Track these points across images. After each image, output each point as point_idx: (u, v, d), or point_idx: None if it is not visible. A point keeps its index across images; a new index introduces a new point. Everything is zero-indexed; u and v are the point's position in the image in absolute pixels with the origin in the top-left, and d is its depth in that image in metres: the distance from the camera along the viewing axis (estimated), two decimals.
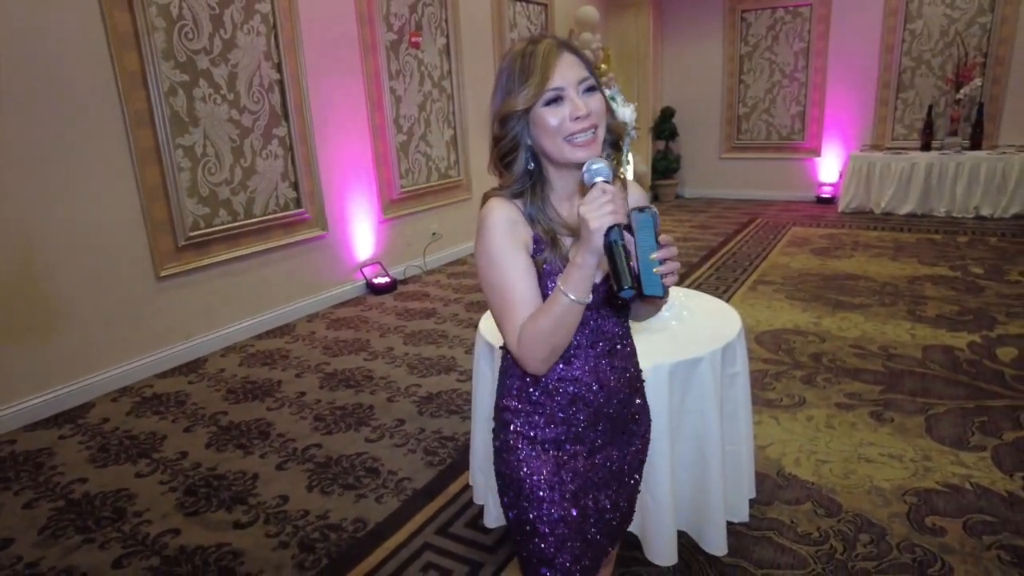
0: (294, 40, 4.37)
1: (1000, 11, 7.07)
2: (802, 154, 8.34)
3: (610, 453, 1.28)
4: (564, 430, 1.22)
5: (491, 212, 1.15)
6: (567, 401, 1.21)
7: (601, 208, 1.02)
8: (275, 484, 2.64)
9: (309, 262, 4.74)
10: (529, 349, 1.12)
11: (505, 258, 1.13)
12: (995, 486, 2.42)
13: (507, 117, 1.14)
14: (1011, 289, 4.62)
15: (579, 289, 1.06)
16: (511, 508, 1.24)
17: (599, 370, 1.23)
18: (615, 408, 1.26)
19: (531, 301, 1.13)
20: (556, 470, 1.21)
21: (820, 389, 3.23)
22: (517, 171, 1.17)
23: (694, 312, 2.24)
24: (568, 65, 1.12)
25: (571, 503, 1.22)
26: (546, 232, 1.17)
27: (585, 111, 1.10)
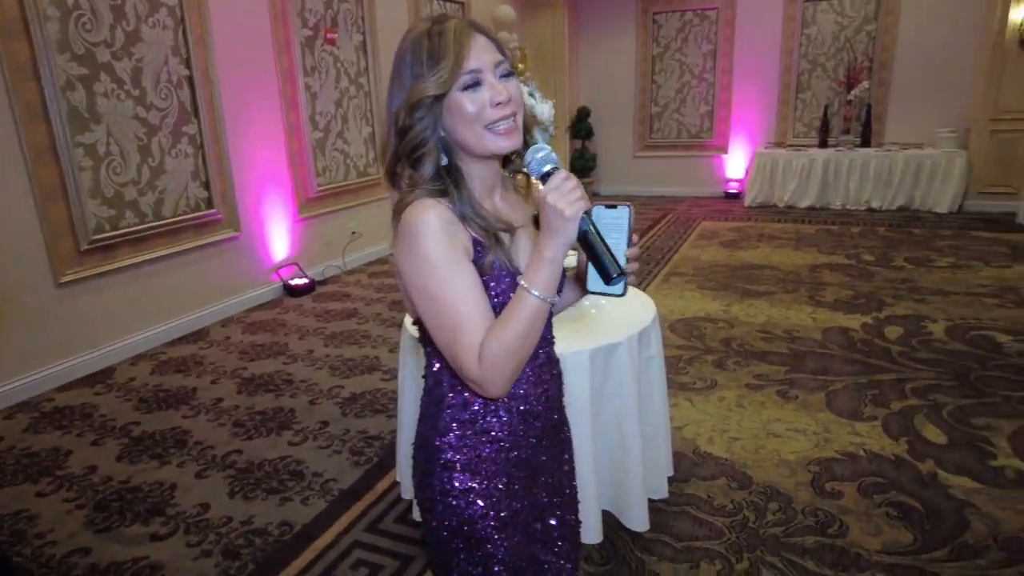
0: (203, 35, 4.22)
1: (883, 20, 7.64)
2: (710, 152, 8.73)
3: (552, 470, 1.20)
4: (516, 455, 1.11)
5: (424, 216, 0.98)
6: (519, 420, 1.10)
7: (572, 194, 0.94)
8: (195, 493, 2.55)
9: (222, 264, 4.58)
10: (495, 368, 0.96)
11: (451, 268, 0.97)
12: (884, 451, 2.64)
13: (416, 105, 1.00)
14: (896, 274, 5.02)
15: (549, 286, 0.96)
16: (459, 554, 1.10)
17: (542, 380, 1.14)
18: (556, 421, 1.19)
19: (486, 316, 0.98)
20: (509, 502, 1.10)
21: (730, 372, 3.41)
22: (429, 168, 1.03)
23: (611, 301, 2.33)
24: (483, 47, 1.01)
25: (521, 532, 1.13)
26: (485, 231, 1.03)
27: (506, 96, 1.00)
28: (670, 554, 2.09)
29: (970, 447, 2.64)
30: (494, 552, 1.08)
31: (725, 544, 2.13)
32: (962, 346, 3.63)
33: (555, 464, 1.20)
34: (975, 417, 2.87)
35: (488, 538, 1.08)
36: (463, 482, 1.07)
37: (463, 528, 1.08)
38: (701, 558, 2.07)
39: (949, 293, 4.52)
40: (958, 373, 3.30)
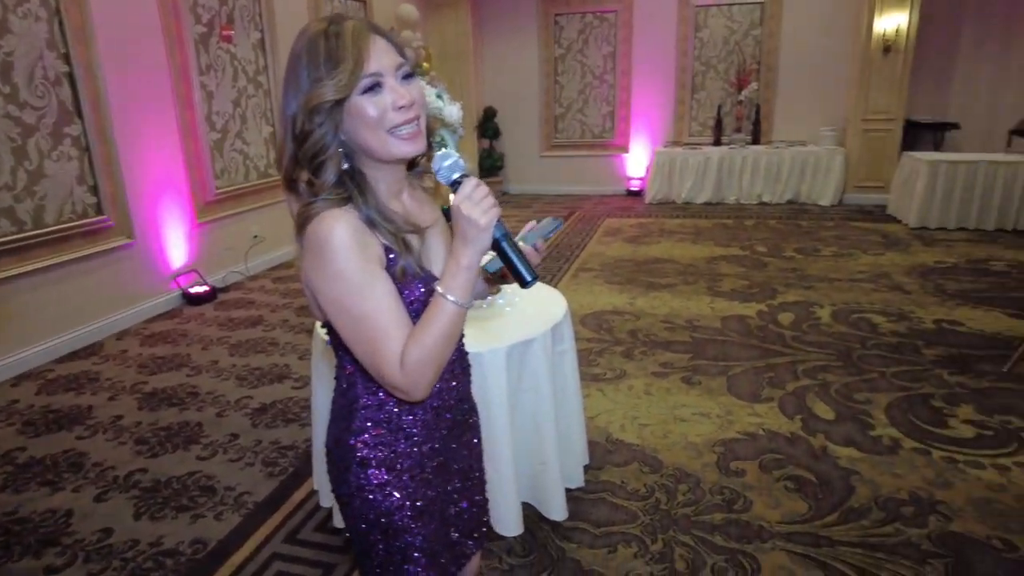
0: (84, 28, 3.95)
1: (767, 26, 8.14)
2: (612, 151, 9.01)
3: (463, 456, 1.23)
4: (429, 448, 1.14)
5: (333, 230, 0.96)
6: (432, 416, 1.13)
7: (484, 202, 0.95)
8: (94, 518, 2.40)
9: (115, 274, 4.31)
10: (419, 374, 0.98)
11: (366, 281, 0.97)
12: (781, 429, 2.84)
13: (315, 110, 0.96)
14: (787, 264, 5.37)
15: (465, 292, 0.98)
16: (378, 544, 1.13)
17: (454, 374, 1.17)
18: (464, 414, 1.22)
19: (406, 324, 0.99)
20: (424, 492, 1.14)
21: (638, 361, 3.56)
22: (331, 174, 1.00)
23: (524, 298, 2.38)
24: (383, 50, 0.99)
25: (437, 518, 1.17)
26: (394, 236, 1.02)
27: (409, 99, 0.98)
28: (589, 540, 2.17)
29: (854, 420, 2.88)
30: (412, 541, 1.12)
31: (640, 527, 2.23)
32: (846, 328, 3.94)
33: (466, 450, 1.24)
34: (857, 393, 3.14)
35: (405, 528, 1.11)
36: (379, 477, 1.09)
37: (380, 520, 1.11)
38: (618, 542, 2.16)
39: (833, 280, 4.90)
40: (842, 353, 3.58)
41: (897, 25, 7.19)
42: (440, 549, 1.17)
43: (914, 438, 2.73)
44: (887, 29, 7.24)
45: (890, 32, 7.23)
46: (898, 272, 5.05)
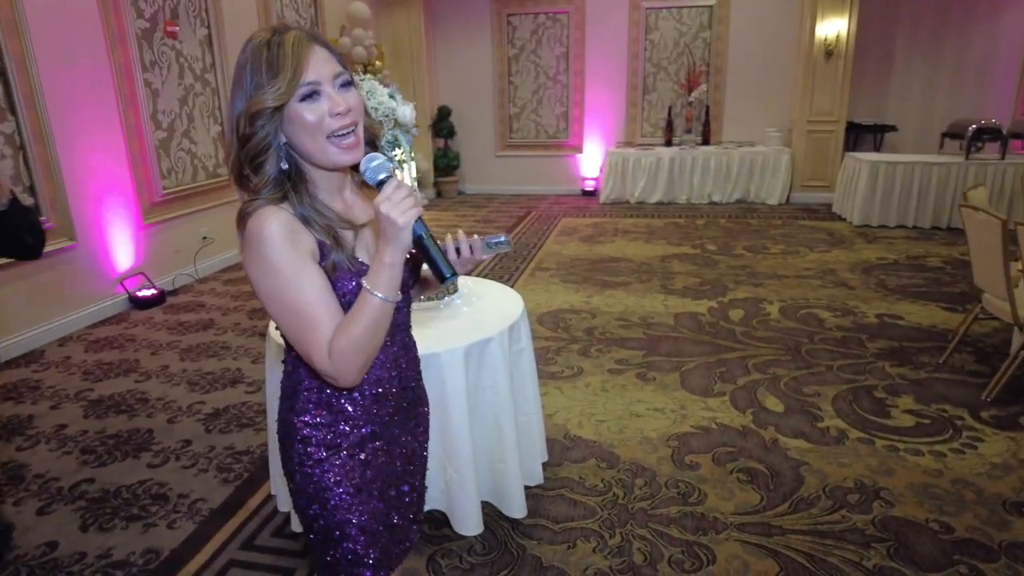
0: (15, 20, 3.78)
1: (716, 29, 8.33)
2: (567, 151, 9.09)
3: (406, 441, 1.28)
4: (368, 431, 1.19)
5: (267, 223, 1.02)
6: (371, 401, 1.18)
7: (404, 203, 1.00)
8: (37, 532, 2.31)
9: (55, 278, 4.15)
10: (345, 363, 1.04)
11: (296, 273, 1.03)
12: (733, 422, 2.92)
13: (256, 115, 1.03)
14: (737, 261, 5.52)
15: (391, 288, 1.03)
16: (318, 519, 1.19)
17: (397, 363, 1.22)
18: (410, 399, 1.28)
19: (335, 314, 1.05)
20: (363, 471, 1.19)
21: (594, 359, 3.61)
22: (270, 173, 1.06)
23: (482, 297, 2.40)
24: (322, 59, 1.04)
25: (378, 499, 1.22)
26: (326, 233, 1.07)
27: (345, 107, 1.04)
28: (548, 537, 2.19)
29: (803, 413, 2.99)
30: (349, 517, 1.18)
31: (598, 522, 2.27)
32: (794, 324, 4.07)
33: (411, 437, 1.30)
34: (806, 386, 3.25)
35: (343, 504, 1.17)
36: (319, 454, 1.16)
37: (320, 495, 1.17)
38: (577, 537, 2.19)
39: (782, 277, 5.05)
40: (791, 348, 3.70)
41: (838, 31, 7.45)
42: (380, 529, 1.22)
43: (859, 428, 2.84)
44: (828, 35, 7.49)
45: (831, 37, 7.49)
46: (843, 268, 5.24)
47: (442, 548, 2.14)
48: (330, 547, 1.20)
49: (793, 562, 2.06)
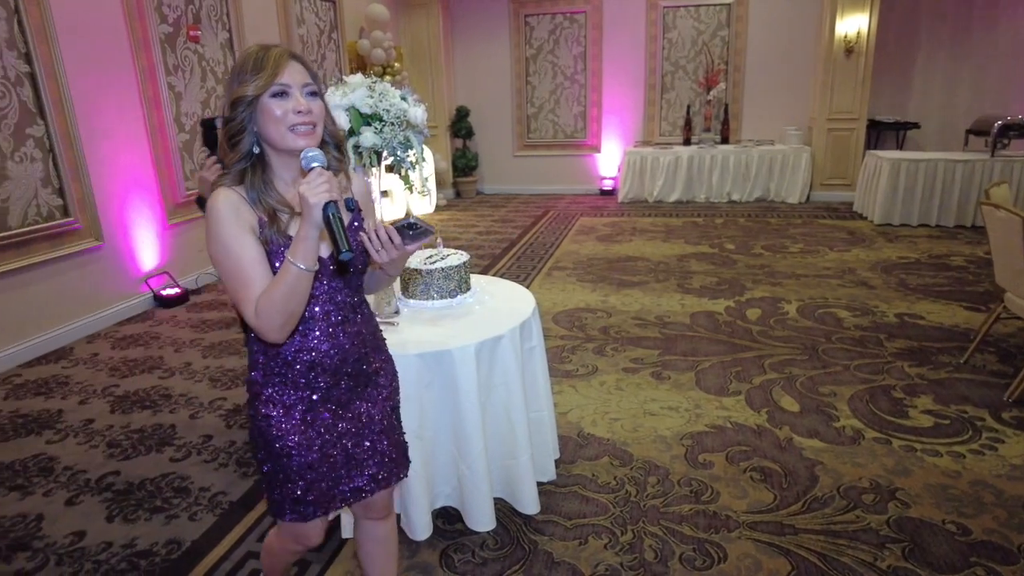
0: (44, 27, 3.89)
1: (734, 27, 8.28)
2: (585, 151, 9.09)
3: (358, 406, 1.46)
4: (308, 394, 1.39)
5: (215, 202, 1.27)
6: (306, 368, 1.37)
7: (318, 187, 1.19)
8: (65, 521, 2.39)
9: (84, 276, 4.26)
10: (266, 318, 1.24)
11: (234, 242, 1.25)
12: (748, 422, 2.92)
13: (237, 101, 1.27)
14: (755, 261, 5.49)
15: (306, 259, 1.22)
16: (265, 463, 1.41)
17: (335, 336, 1.39)
18: (353, 367, 1.43)
19: (264, 277, 1.26)
20: (305, 428, 1.39)
21: (609, 358, 3.62)
22: (242, 150, 1.30)
23: (494, 296, 2.43)
24: (296, 70, 1.29)
25: (319, 453, 1.40)
26: (267, 212, 1.30)
27: (306, 107, 1.28)
28: (560, 533, 2.21)
29: (818, 412, 2.97)
30: (290, 464, 1.39)
31: (610, 519, 2.29)
32: (812, 323, 4.05)
33: (369, 404, 1.47)
34: (822, 385, 3.23)
35: (285, 453, 1.38)
36: (267, 408, 1.38)
37: (267, 443, 1.39)
38: (589, 534, 2.21)
39: (801, 276, 5.01)
40: (808, 347, 3.68)
41: (858, 28, 7.37)
42: (317, 478, 1.42)
43: (875, 428, 2.82)
44: (848, 32, 7.41)
45: (851, 34, 7.41)
46: (863, 268, 5.19)
47: (455, 543, 2.17)
48: (275, 487, 1.42)
49: (805, 561, 2.05)
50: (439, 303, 2.30)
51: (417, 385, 1.93)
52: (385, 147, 1.90)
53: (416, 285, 2.31)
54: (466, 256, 2.41)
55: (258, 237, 1.29)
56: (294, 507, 1.43)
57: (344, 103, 1.87)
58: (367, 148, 1.89)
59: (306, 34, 6.54)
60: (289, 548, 1.57)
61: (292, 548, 1.57)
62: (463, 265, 2.36)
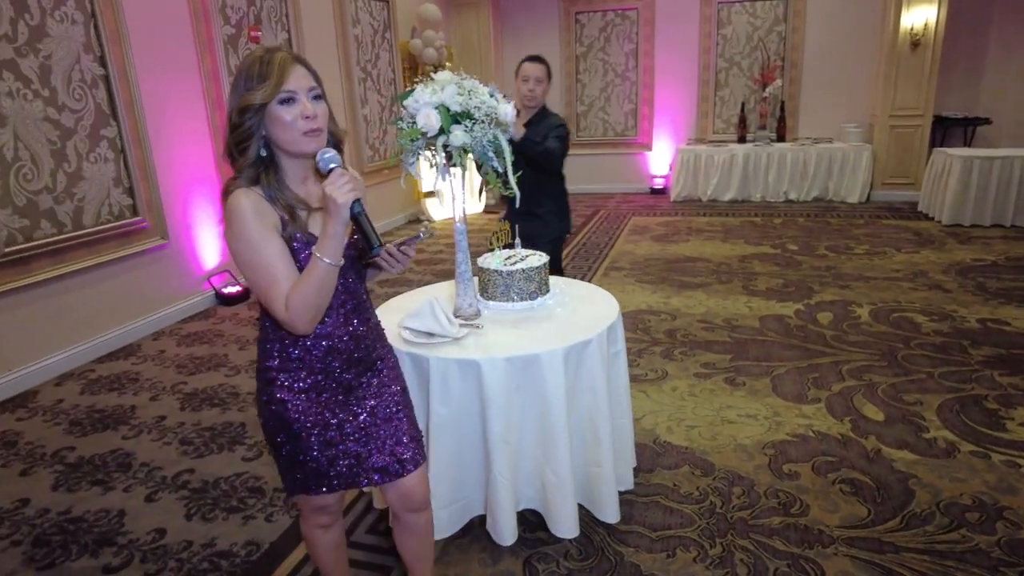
0: (118, 31, 3.97)
1: (792, 22, 8.06)
2: (635, 149, 8.95)
3: (364, 391, 1.53)
4: (323, 378, 1.45)
5: (239, 202, 1.30)
6: (323, 353, 1.44)
7: (344, 187, 1.26)
8: (147, 518, 2.41)
9: (150, 275, 4.33)
10: (297, 312, 1.31)
11: (260, 239, 1.30)
12: (831, 431, 2.79)
13: (245, 109, 1.30)
14: (821, 262, 5.31)
15: (334, 255, 1.29)
16: (284, 446, 1.47)
17: (348, 323, 1.47)
18: (363, 352, 1.51)
19: (290, 273, 1.32)
20: (319, 411, 1.46)
21: (678, 362, 3.52)
22: (251, 156, 1.33)
23: (574, 298, 2.36)
24: (301, 75, 1.32)
25: (336, 430, 1.47)
26: (286, 210, 1.35)
27: (313, 112, 1.32)
28: (646, 544, 2.14)
29: (905, 422, 2.83)
30: (307, 443, 1.46)
31: (697, 531, 2.20)
32: (887, 328, 3.88)
33: (372, 390, 1.53)
34: (906, 394, 3.08)
35: (304, 433, 1.45)
36: (281, 393, 1.44)
37: (282, 425, 1.45)
38: (676, 546, 2.13)
39: (869, 278, 4.83)
40: (886, 353, 3.52)
41: (925, 19, 7.08)
42: (335, 454, 1.49)
43: (971, 441, 2.67)
44: (915, 24, 7.13)
45: (918, 27, 7.13)
46: (935, 270, 4.97)
47: (538, 551, 2.11)
48: (296, 468, 1.49)
49: None
50: (519, 305, 2.24)
51: (504, 390, 1.88)
52: (475, 145, 1.85)
53: (496, 287, 2.25)
54: (546, 257, 2.35)
55: (281, 235, 1.33)
56: (318, 482, 1.50)
57: (434, 101, 1.82)
58: (456, 147, 1.84)
59: (360, 34, 6.57)
60: (315, 523, 1.64)
61: (317, 522, 1.64)
62: (544, 266, 2.30)
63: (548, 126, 3.09)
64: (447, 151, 1.87)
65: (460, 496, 2.02)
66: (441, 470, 1.95)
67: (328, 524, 1.67)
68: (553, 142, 3.03)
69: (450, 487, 1.98)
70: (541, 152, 2.98)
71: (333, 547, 1.72)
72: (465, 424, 1.94)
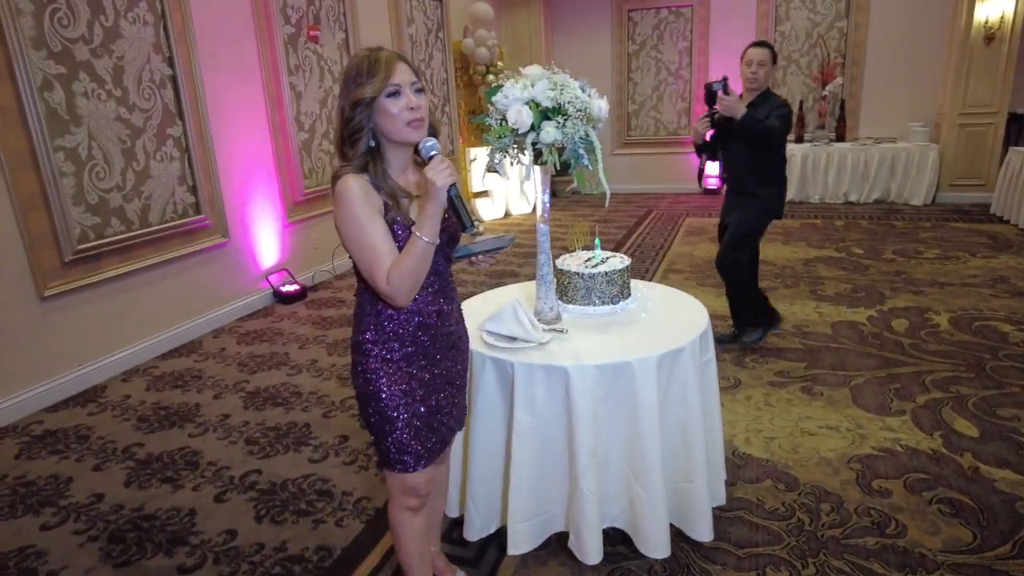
0: (185, 31, 4.01)
1: (854, 17, 7.78)
2: (688, 148, 8.70)
3: (446, 365, 1.65)
4: (413, 350, 1.57)
5: (349, 185, 1.43)
6: (414, 328, 1.56)
7: (443, 172, 1.38)
8: (217, 518, 2.39)
9: (211, 272, 4.37)
10: (398, 287, 1.43)
11: (367, 221, 1.42)
12: (920, 446, 2.63)
13: (357, 103, 1.44)
14: (889, 267, 5.08)
15: (431, 233, 1.41)
16: (374, 415, 1.57)
17: (435, 301, 1.59)
18: (450, 329, 1.65)
19: (391, 251, 1.44)
20: (408, 381, 1.57)
21: (751, 370, 3.38)
22: (361, 147, 1.46)
23: (656, 302, 2.26)
24: (404, 70, 1.46)
25: (421, 403, 1.59)
26: (390, 196, 1.47)
27: (417, 103, 1.45)
28: (734, 563, 2.03)
29: (1003, 439, 2.65)
30: (396, 414, 1.55)
31: (787, 549, 2.08)
32: (969, 337, 3.67)
33: (451, 362, 1.67)
34: (1000, 408, 2.89)
35: (392, 404, 1.55)
36: (374, 364, 1.55)
37: (376, 395, 1.55)
38: (766, 565, 2.01)
39: (944, 284, 4.60)
40: (972, 364, 3.33)
41: (1002, 11, 6.75)
42: (420, 425, 1.59)
43: None
44: (990, 16, 6.81)
45: (993, 20, 6.80)
46: (1017, 276, 4.71)
47: (620, 567, 2.02)
48: (384, 438, 1.58)
49: None
50: (601, 309, 2.15)
51: (593, 399, 1.79)
52: (566, 143, 1.77)
53: (576, 290, 2.17)
54: (628, 259, 2.26)
55: (384, 218, 1.45)
56: (399, 455, 1.58)
57: (525, 96, 1.75)
58: (547, 144, 1.76)
59: (415, 33, 6.56)
60: (405, 506, 1.66)
61: (407, 505, 1.66)
62: (626, 269, 2.21)
63: (771, 106, 3.30)
64: (536, 148, 1.79)
65: (541, 510, 1.94)
66: (522, 482, 1.87)
67: (415, 508, 1.67)
68: (774, 120, 3.23)
69: (531, 500, 1.90)
70: (760, 129, 3.20)
71: (420, 535, 1.71)
72: (550, 434, 1.87)
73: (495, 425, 1.96)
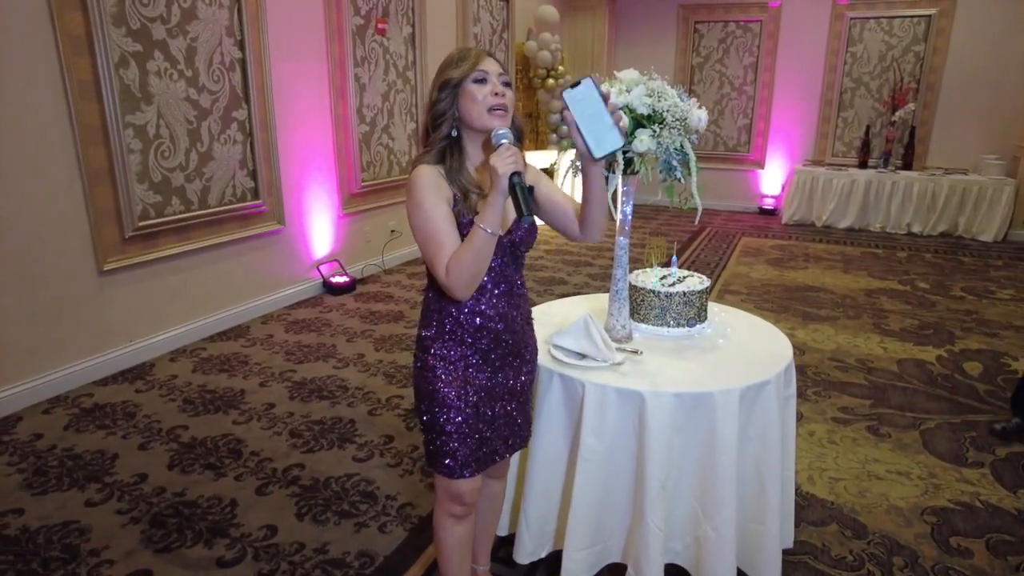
0: (258, 16, 4.01)
1: (932, 41, 7.48)
2: (747, 166, 8.55)
3: (507, 374, 1.60)
4: (472, 352, 1.54)
5: (420, 174, 1.44)
6: (475, 329, 1.52)
7: (507, 160, 1.34)
8: (258, 512, 2.34)
9: (264, 258, 4.37)
10: (455, 276, 1.38)
11: (433, 210, 1.41)
12: (1003, 503, 2.45)
13: (444, 84, 1.45)
14: (959, 304, 4.84)
15: (492, 223, 1.35)
16: (426, 413, 1.55)
17: (500, 306, 1.54)
18: (513, 337, 1.58)
19: (455, 242, 1.41)
20: (463, 384, 1.54)
21: (813, 403, 3.22)
22: (443, 132, 1.46)
23: (735, 328, 2.14)
24: (492, 63, 1.47)
25: (472, 410, 1.55)
26: (460, 190, 1.46)
27: (502, 92, 1.44)
28: None
29: None
30: (446, 415, 1.52)
31: None
32: None
33: (513, 372, 1.62)
34: None
35: (444, 405, 1.52)
36: (432, 361, 1.53)
37: (430, 393, 1.53)
38: None
39: (1021, 328, 4.34)
40: None
41: None
42: (469, 432, 1.55)
43: None
44: None
45: None
46: None
47: None
48: (433, 437, 1.56)
49: None
50: (676, 331, 2.04)
51: (669, 429, 1.68)
52: (660, 153, 1.66)
53: (650, 308, 2.06)
54: (707, 280, 2.14)
55: (452, 209, 1.43)
56: (444, 460, 1.55)
57: (620, 102, 1.65)
58: (639, 154, 1.66)
59: (480, 32, 6.51)
60: (448, 512, 1.62)
61: (450, 511, 1.62)
62: (705, 291, 2.09)
63: None
64: (627, 157, 1.69)
65: (599, 539, 1.83)
66: (584, 509, 1.76)
67: (460, 516, 1.64)
68: None
69: (591, 529, 1.80)
70: None
71: (461, 543, 1.68)
72: (616, 461, 1.76)
73: (557, 445, 1.85)
